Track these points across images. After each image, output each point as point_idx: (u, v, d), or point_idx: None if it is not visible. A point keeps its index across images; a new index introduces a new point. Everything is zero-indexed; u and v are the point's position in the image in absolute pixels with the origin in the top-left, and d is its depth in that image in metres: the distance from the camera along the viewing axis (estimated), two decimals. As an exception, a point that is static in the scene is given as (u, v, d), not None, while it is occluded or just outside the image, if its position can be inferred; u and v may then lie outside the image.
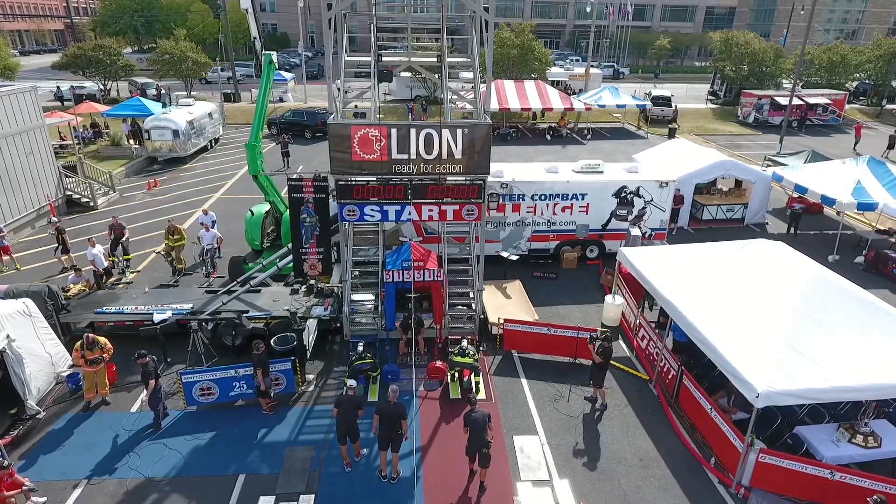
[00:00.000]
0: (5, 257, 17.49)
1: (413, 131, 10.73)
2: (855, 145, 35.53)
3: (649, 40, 76.62)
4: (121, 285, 16.60)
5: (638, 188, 17.76)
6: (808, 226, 21.70)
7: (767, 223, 22.29)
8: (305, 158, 30.62)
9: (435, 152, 10.92)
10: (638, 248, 14.52)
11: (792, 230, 21.25)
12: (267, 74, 15.59)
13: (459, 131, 10.86)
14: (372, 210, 11.67)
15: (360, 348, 11.83)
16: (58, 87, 44.50)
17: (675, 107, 41.41)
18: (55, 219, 17.64)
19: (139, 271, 17.53)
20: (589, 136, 37.50)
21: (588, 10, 52.78)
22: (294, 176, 12.40)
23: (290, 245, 13.97)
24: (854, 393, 9.44)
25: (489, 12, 11.44)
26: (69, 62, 42.30)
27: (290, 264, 14.21)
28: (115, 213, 21.88)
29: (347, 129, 10.70)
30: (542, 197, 17.48)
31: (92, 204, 22.85)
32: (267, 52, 15.72)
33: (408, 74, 40.83)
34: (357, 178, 11.30)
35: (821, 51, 47.77)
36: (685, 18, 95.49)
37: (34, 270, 17.54)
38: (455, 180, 11.46)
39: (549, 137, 37.25)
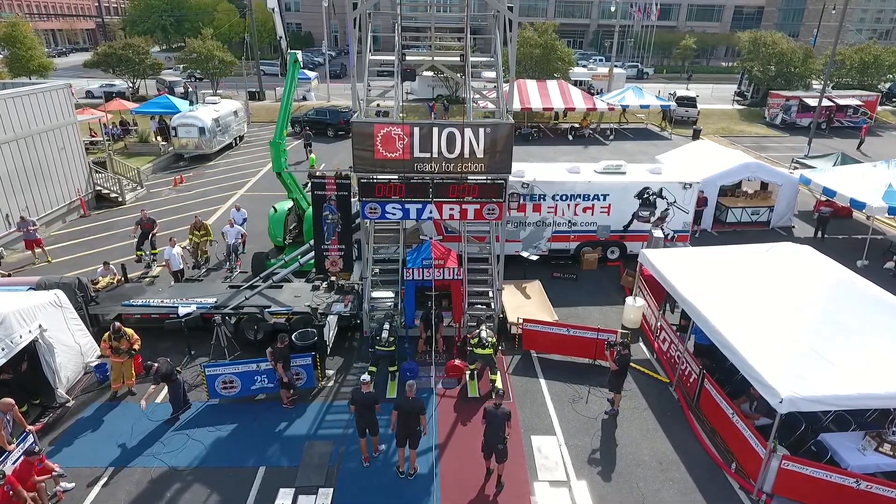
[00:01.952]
0: (37, 249, 17.98)
1: (435, 130, 10.78)
2: (859, 146, 34.77)
3: (674, 40, 75.57)
4: (147, 279, 17.03)
5: (661, 189, 17.57)
6: (836, 230, 21.23)
7: (794, 227, 21.87)
8: (327, 156, 30.91)
9: (457, 151, 10.95)
10: (660, 249, 14.36)
11: (819, 234, 20.81)
12: (292, 73, 15.78)
13: (482, 130, 10.88)
14: (393, 208, 11.75)
15: (385, 334, 11.83)
16: (88, 87, 45.69)
17: (698, 109, 40.90)
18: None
19: (164, 265, 17.85)
20: (611, 137, 37.18)
21: (612, 9, 52.15)
22: (317, 174, 12.57)
23: (311, 241, 14.15)
24: (881, 401, 9.23)
25: (513, 11, 11.43)
26: (100, 61, 43.32)
27: (312, 260, 14.39)
28: (143, 208, 22.55)
29: (371, 128, 10.80)
30: (564, 197, 17.41)
31: (120, 199, 23.39)
32: (292, 50, 15.92)
33: (430, 73, 40.94)
34: (379, 176, 11.39)
35: (852, 51, 46.60)
36: (712, 18, 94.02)
37: (64, 263, 18.02)
38: (476, 179, 11.49)
39: (570, 138, 37.02)
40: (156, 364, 11.25)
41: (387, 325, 11.95)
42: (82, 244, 19.55)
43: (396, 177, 11.39)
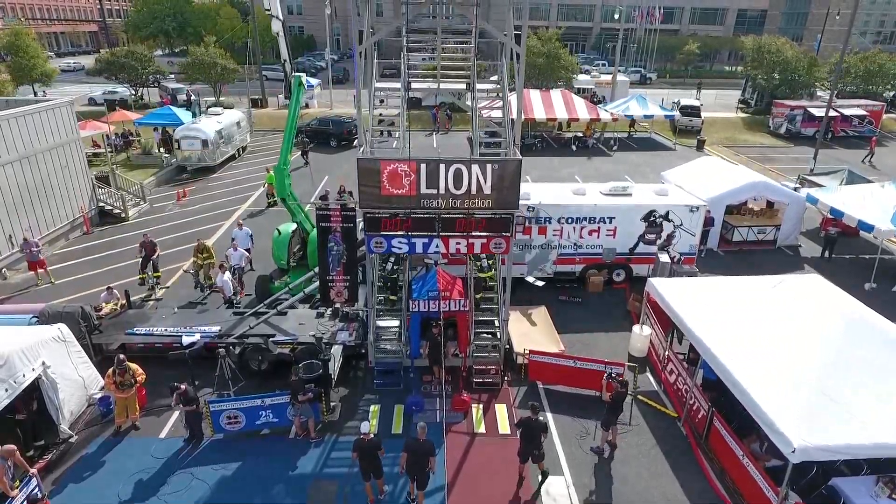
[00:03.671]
0: (40, 270, 17.90)
1: (442, 167, 10.67)
2: (867, 158, 34.59)
3: (677, 44, 75.34)
4: (151, 302, 16.98)
5: (667, 212, 17.44)
6: (844, 249, 21.06)
7: (800, 245, 21.71)
8: (330, 168, 30.79)
9: (464, 188, 10.84)
10: (667, 279, 14.22)
11: (826, 254, 20.67)
12: (296, 96, 15.66)
13: (489, 167, 10.77)
14: (399, 242, 11.63)
15: (389, 265, 12.54)
16: (91, 94, 45.71)
17: (702, 119, 40.77)
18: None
19: (168, 287, 17.80)
20: (615, 147, 37.02)
21: (616, 16, 51.94)
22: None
23: (316, 269, 14.05)
24: (896, 449, 9.10)
25: (520, 44, 11.31)
26: (102, 68, 43.30)
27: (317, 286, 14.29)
28: (146, 227, 22.40)
29: (377, 165, 10.70)
30: (569, 220, 17.29)
31: (123, 215, 23.31)
32: (297, 73, 15.81)
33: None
34: (385, 211, 11.28)
35: (857, 59, 46.36)
36: (715, 21, 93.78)
37: (68, 284, 17.94)
38: (483, 213, 11.37)
39: (574, 148, 36.92)
40: (182, 385, 11.19)
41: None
42: (86, 263, 19.48)
43: (403, 211, 11.27)
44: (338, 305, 14.28)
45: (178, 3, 69.97)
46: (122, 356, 11.49)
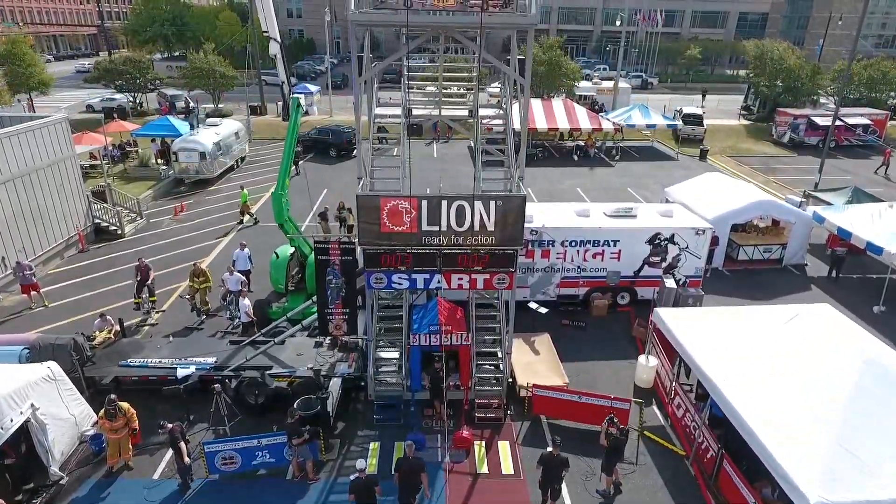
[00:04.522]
0: (34, 293, 17.57)
1: (444, 203, 10.35)
2: (881, 169, 34.26)
3: (679, 49, 75.03)
4: (146, 327, 16.65)
5: (673, 235, 17.11)
6: (852, 269, 20.70)
7: (807, 264, 21.36)
8: (329, 180, 30.46)
9: (466, 224, 10.52)
10: (674, 310, 13.87)
11: (834, 273, 20.34)
12: (294, 119, 15.34)
13: (492, 203, 10.44)
14: (400, 278, 11.31)
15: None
16: (89, 101, 45.45)
17: (704, 128, 40.47)
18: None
19: (164, 311, 17.47)
20: (617, 157, 36.69)
21: (618, 23, 51.58)
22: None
23: (314, 298, 13.72)
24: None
25: (525, 76, 10.98)
26: (100, 76, 42.97)
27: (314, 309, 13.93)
28: (143, 244, 22.23)
29: (376, 201, 10.37)
30: (573, 243, 16.97)
31: (120, 232, 22.96)
32: (295, 95, 15.47)
33: (433, 88, 40.51)
34: (385, 247, 10.95)
35: (861, 66, 46.02)
36: (716, 24, 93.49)
37: (62, 308, 17.61)
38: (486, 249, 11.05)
39: (576, 158, 36.59)
40: (171, 425, 10.86)
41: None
42: (81, 284, 19.14)
43: (403, 247, 10.94)
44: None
45: (178, 7, 69.79)
46: (112, 396, 11.12)
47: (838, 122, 37.95)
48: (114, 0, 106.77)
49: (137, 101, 45.61)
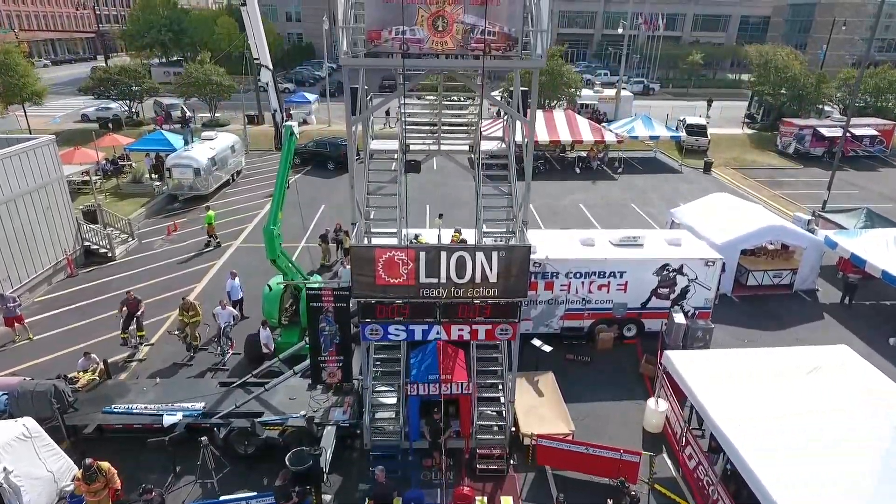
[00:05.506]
0: (18, 326, 16.93)
1: (444, 255, 9.70)
2: None
3: (680, 54, 74.32)
4: (133, 362, 16.02)
5: (681, 266, 16.46)
6: (864, 294, 20.03)
7: (818, 289, 20.70)
8: (327, 195, 29.82)
9: (467, 276, 9.87)
10: (685, 355, 13.17)
11: (847, 300, 19.69)
12: (287, 148, 14.69)
13: (495, 254, 9.80)
14: (397, 329, 10.67)
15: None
16: (84, 110, 44.87)
17: (708, 138, 39.83)
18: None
19: (153, 344, 16.82)
20: (620, 169, 36.05)
21: (620, 31, 50.87)
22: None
23: (307, 339, 13.06)
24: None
25: (528, 116, 10.34)
26: (94, 86, 42.33)
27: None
28: (134, 267, 21.65)
29: (371, 253, 9.72)
30: (578, 275, 16.32)
31: (110, 255, 22.30)
32: (287, 123, 14.81)
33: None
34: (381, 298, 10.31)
35: (867, 75, 45.29)
36: (718, 28, 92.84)
37: (47, 340, 16.95)
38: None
39: (578, 170, 35.91)
40: (153, 491, 10.27)
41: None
42: (68, 314, 18.47)
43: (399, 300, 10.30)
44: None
45: (175, 12, 69.11)
46: (88, 461, 10.38)
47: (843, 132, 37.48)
48: (112, 3, 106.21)
49: (134, 111, 44.94)
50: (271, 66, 14.32)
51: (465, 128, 13.18)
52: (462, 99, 13.42)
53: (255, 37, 13.67)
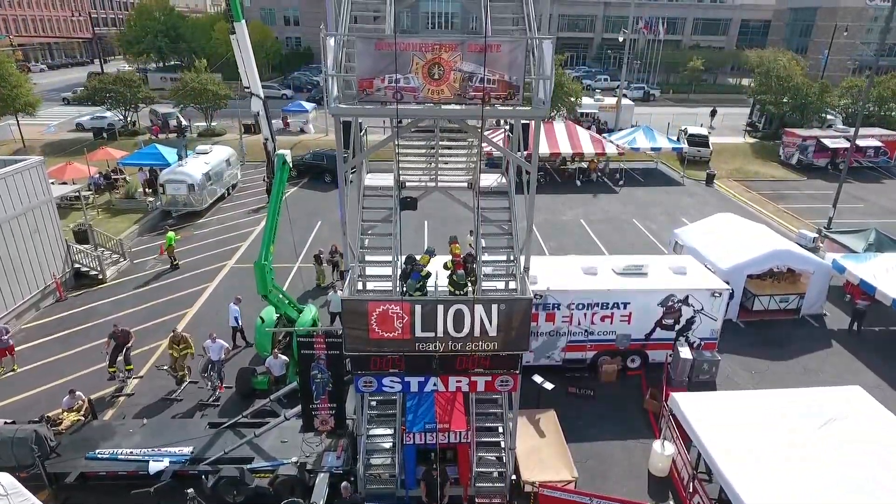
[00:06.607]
0: (5, 357, 16.43)
1: (440, 308, 9.20)
2: None
3: (681, 59, 73.83)
4: (121, 397, 15.51)
5: (687, 297, 15.97)
6: (874, 320, 19.52)
7: (826, 314, 20.21)
8: (324, 210, 29.24)
9: (466, 330, 9.37)
10: (692, 398, 12.65)
11: (855, 326, 19.21)
12: (280, 178, 14.18)
13: (494, 307, 9.30)
14: (392, 381, 10.17)
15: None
16: (79, 119, 44.40)
17: (710, 149, 39.37)
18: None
19: (141, 377, 16.29)
20: (621, 182, 35.54)
21: (621, 39, 50.34)
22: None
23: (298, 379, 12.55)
24: None
25: (531, 163, 9.86)
26: (89, 95, 41.79)
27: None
28: (124, 289, 21.14)
29: (364, 307, 9.21)
30: (580, 306, 15.82)
31: (101, 276, 21.77)
32: (280, 151, 14.30)
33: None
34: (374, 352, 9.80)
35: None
36: (718, 32, 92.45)
37: (33, 372, 16.44)
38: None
39: (579, 183, 35.39)
40: None
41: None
42: (55, 342, 17.93)
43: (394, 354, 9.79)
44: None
45: (172, 18, 68.59)
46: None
47: (848, 144, 37.00)
48: (109, 7, 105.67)
49: (130, 120, 44.39)
50: (262, 96, 13.82)
51: (464, 161, 12.65)
52: (459, 139, 12.89)
53: (245, 65, 13.18)
